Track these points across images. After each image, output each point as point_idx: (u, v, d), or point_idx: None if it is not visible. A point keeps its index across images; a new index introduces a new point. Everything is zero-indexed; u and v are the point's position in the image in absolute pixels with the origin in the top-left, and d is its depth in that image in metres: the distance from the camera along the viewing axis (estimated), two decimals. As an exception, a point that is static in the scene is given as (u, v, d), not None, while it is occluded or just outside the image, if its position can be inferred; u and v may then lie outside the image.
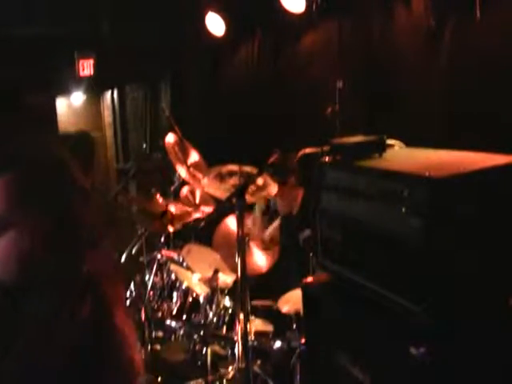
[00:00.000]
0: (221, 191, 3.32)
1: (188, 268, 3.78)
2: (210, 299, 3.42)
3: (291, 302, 3.02)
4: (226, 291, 3.52)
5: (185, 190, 4.22)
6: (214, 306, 3.38)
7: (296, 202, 3.40)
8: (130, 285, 4.02)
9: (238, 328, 2.73)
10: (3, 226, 0.97)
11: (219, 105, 5.43)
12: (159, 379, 3.29)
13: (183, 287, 3.66)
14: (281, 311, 3.08)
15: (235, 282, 3.36)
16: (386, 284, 1.60)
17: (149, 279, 3.88)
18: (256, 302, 3.24)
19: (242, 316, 2.40)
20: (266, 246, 3.39)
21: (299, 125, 4.13)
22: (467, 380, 1.50)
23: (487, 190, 1.54)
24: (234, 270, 3.06)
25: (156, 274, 3.91)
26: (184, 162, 4.03)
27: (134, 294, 3.93)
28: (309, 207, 2.00)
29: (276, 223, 3.50)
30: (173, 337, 3.50)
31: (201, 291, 3.52)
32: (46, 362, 0.95)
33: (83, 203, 1.08)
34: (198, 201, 4.13)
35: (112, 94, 7.90)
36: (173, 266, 3.83)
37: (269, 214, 3.54)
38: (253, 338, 2.89)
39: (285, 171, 3.29)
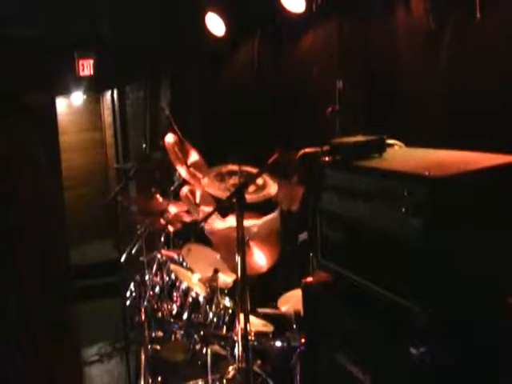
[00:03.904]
0: (221, 191, 3.32)
1: (188, 268, 3.78)
2: (209, 299, 3.42)
3: (291, 302, 3.01)
4: (226, 291, 3.52)
5: (185, 190, 4.22)
6: (213, 306, 3.38)
7: (296, 200, 3.41)
8: (130, 285, 4.02)
9: (238, 328, 2.73)
10: None
11: (219, 104, 5.43)
12: (159, 379, 3.29)
13: (183, 287, 3.66)
14: (281, 311, 3.08)
15: (235, 282, 3.35)
16: (386, 284, 1.60)
17: (149, 279, 3.89)
18: (261, 310, 3.23)
19: (242, 316, 2.40)
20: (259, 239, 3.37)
21: (299, 125, 4.13)
22: (467, 380, 1.50)
23: (487, 190, 1.54)
24: (234, 270, 3.06)
25: (156, 274, 3.92)
26: (184, 161, 4.03)
27: (134, 294, 3.94)
28: (308, 207, 2.00)
29: (272, 215, 3.48)
30: (173, 337, 3.50)
31: (201, 291, 3.52)
32: None
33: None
34: (198, 201, 4.13)
35: (112, 94, 7.90)
36: (173, 266, 3.84)
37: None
38: (253, 338, 2.89)
39: (286, 169, 3.30)
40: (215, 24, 4.70)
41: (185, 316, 3.50)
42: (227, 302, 3.41)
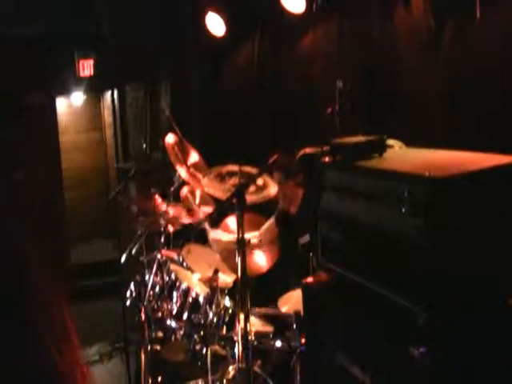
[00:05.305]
0: (221, 191, 3.32)
1: (188, 268, 3.78)
2: (209, 299, 3.42)
3: (291, 302, 3.01)
4: (226, 291, 3.52)
5: (185, 191, 4.22)
6: (214, 306, 3.37)
7: (296, 201, 3.41)
8: (130, 285, 4.02)
9: (238, 328, 2.73)
10: None
11: (219, 105, 5.43)
12: (159, 379, 3.29)
13: (183, 287, 3.66)
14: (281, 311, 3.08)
15: (235, 282, 3.35)
16: (386, 284, 1.60)
17: (149, 279, 3.88)
18: (259, 310, 3.23)
19: (242, 316, 2.40)
20: (262, 246, 3.38)
21: (299, 125, 4.13)
22: (467, 380, 1.50)
23: (487, 190, 1.54)
24: (234, 270, 3.06)
25: (156, 274, 3.91)
26: (184, 162, 4.03)
27: (133, 293, 3.93)
28: (309, 208, 2.00)
29: (270, 222, 3.48)
30: (173, 337, 3.49)
31: (201, 291, 3.52)
32: None
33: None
34: (197, 201, 4.13)
35: (112, 94, 7.89)
36: (173, 266, 3.83)
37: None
38: (253, 338, 2.89)
39: (286, 170, 3.30)
40: (215, 24, 4.70)
41: (185, 316, 3.50)
42: (227, 302, 3.41)
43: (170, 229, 4.15)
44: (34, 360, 0.87)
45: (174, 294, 3.70)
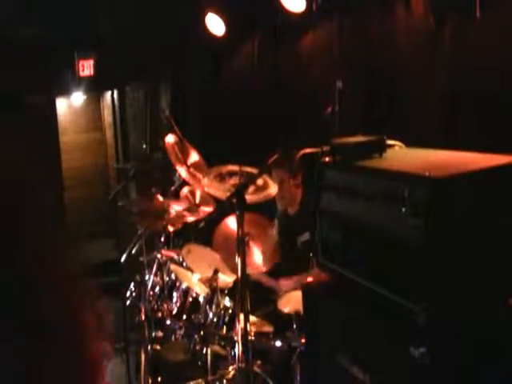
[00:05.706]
0: (221, 191, 3.32)
1: (188, 268, 3.78)
2: (209, 299, 3.42)
3: (291, 302, 3.01)
4: (226, 291, 3.52)
5: (185, 190, 4.22)
6: (213, 306, 3.37)
7: (294, 202, 3.41)
8: (130, 285, 4.02)
9: (238, 328, 2.73)
10: None
11: (219, 105, 5.43)
12: (159, 379, 3.29)
13: (183, 287, 3.66)
14: (281, 311, 3.08)
15: (235, 282, 3.35)
16: (386, 284, 1.60)
17: (149, 279, 3.89)
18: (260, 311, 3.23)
19: (241, 316, 2.40)
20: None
21: (299, 125, 4.13)
22: (467, 380, 1.50)
23: (487, 190, 1.54)
24: (234, 270, 3.06)
25: (156, 274, 3.91)
26: (184, 162, 4.03)
27: (134, 293, 3.93)
28: (308, 208, 2.00)
29: (272, 237, 3.48)
30: (173, 337, 3.49)
31: (201, 291, 3.52)
32: None
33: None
34: (197, 201, 4.13)
35: (112, 94, 7.89)
36: (173, 266, 3.83)
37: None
38: (253, 338, 2.89)
39: (286, 170, 3.30)
40: (215, 24, 4.70)
41: (185, 316, 3.50)
42: (227, 302, 3.41)
43: (170, 229, 4.15)
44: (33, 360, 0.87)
45: (174, 294, 3.70)
